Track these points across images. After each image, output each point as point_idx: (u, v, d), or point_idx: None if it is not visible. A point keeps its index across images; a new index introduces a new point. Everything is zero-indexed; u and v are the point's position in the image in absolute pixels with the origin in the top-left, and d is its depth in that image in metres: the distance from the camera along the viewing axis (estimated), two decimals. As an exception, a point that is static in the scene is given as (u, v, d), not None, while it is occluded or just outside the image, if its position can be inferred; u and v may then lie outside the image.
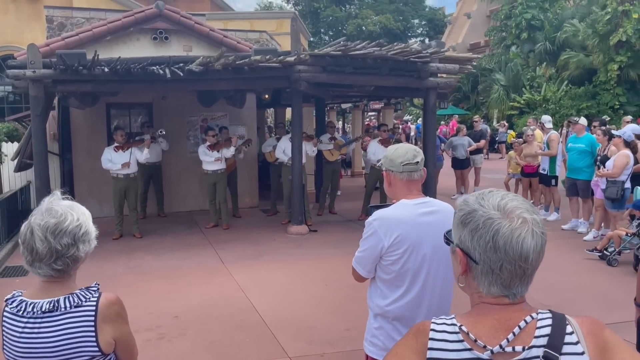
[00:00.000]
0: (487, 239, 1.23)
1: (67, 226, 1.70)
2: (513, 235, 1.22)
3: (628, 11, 19.74)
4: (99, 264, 7.28)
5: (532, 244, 1.22)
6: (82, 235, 1.74)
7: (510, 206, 1.25)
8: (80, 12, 13.94)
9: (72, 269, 1.77)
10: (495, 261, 1.23)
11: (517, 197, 1.30)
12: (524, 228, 1.22)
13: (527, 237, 1.22)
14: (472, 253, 1.26)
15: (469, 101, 28.75)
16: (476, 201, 1.29)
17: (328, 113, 18.61)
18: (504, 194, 1.29)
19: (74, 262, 1.74)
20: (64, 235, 1.69)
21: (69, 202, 1.77)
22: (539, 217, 1.26)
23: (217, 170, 9.25)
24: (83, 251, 1.74)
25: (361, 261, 2.37)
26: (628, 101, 21.37)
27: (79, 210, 1.77)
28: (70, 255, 1.71)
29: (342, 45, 8.00)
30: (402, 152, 2.37)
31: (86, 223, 1.76)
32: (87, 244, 1.76)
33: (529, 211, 1.25)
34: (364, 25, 50.12)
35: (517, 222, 1.23)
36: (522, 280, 1.25)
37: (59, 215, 1.70)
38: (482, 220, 1.25)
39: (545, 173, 9.49)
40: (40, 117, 7.69)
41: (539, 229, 1.24)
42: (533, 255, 1.23)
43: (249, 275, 6.69)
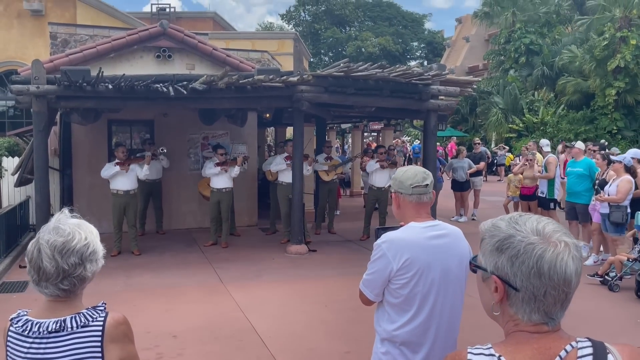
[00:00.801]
0: (530, 265, 1.21)
1: (75, 245, 1.68)
2: (557, 259, 1.20)
3: (626, 37, 20.00)
4: (96, 281, 7.12)
5: (574, 267, 1.21)
6: (90, 254, 1.72)
7: (549, 230, 1.24)
8: (84, 29, 14.06)
9: (79, 289, 1.75)
10: (539, 287, 1.21)
11: (550, 220, 1.28)
12: (566, 252, 1.21)
13: (569, 261, 1.21)
14: (511, 280, 1.23)
15: (467, 123, 28.92)
16: (510, 226, 1.26)
17: (328, 133, 18.70)
18: (537, 217, 1.27)
19: (80, 281, 1.72)
20: (71, 255, 1.67)
21: (77, 220, 1.76)
22: (575, 240, 1.25)
23: (223, 189, 9.23)
24: (90, 271, 1.72)
25: (369, 284, 2.35)
26: (626, 126, 21.53)
27: (87, 229, 1.75)
28: (77, 275, 1.69)
29: (344, 67, 8.06)
30: (411, 174, 2.37)
31: (94, 242, 1.74)
32: (94, 263, 1.74)
33: (566, 235, 1.24)
34: (363, 47, 50.64)
35: (560, 246, 1.22)
36: (562, 306, 1.23)
37: (66, 234, 1.69)
38: (522, 246, 1.22)
39: (544, 196, 9.51)
40: (42, 132, 7.70)
41: (577, 252, 1.23)
42: (575, 279, 1.22)
43: (248, 295, 6.64)
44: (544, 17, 27.30)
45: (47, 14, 17.85)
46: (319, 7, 57.71)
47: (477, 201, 12.57)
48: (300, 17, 59.15)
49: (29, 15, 17.98)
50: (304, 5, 58.54)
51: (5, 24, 18.10)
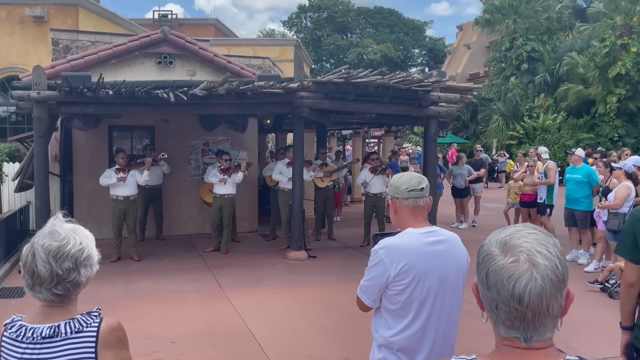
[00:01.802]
0: (482, 275, 1.19)
1: (70, 250, 1.67)
2: (504, 273, 1.14)
3: (627, 45, 20.04)
4: (95, 286, 7.20)
5: (530, 286, 1.12)
6: (84, 259, 1.71)
7: (513, 243, 1.17)
8: (86, 35, 14.12)
9: (73, 294, 1.74)
10: (490, 299, 1.18)
11: (534, 234, 1.19)
12: (521, 267, 1.13)
13: (522, 278, 1.12)
14: (479, 289, 1.23)
15: (468, 130, 28.96)
16: (490, 236, 1.25)
17: (328, 139, 18.72)
18: (520, 229, 1.21)
19: (74, 287, 1.71)
20: (65, 259, 1.66)
21: (72, 225, 1.75)
22: (555, 260, 1.14)
23: (226, 195, 9.22)
24: (84, 276, 1.71)
25: (366, 290, 2.34)
26: (627, 133, 21.54)
27: (82, 234, 1.74)
28: (71, 280, 1.68)
29: (344, 73, 8.08)
30: (406, 178, 2.37)
31: (89, 247, 1.74)
32: (88, 268, 1.73)
33: (538, 252, 1.14)
34: (364, 54, 50.79)
35: (519, 261, 1.14)
36: (525, 324, 1.14)
37: (61, 239, 1.68)
38: (482, 256, 1.21)
39: (543, 202, 9.50)
40: (43, 138, 7.71)
41: (542, 272, 1.13)
42: (530, 298, 1.12)
43: (247, 301, 6.62)
44: (545, 24, 27.38)
45: (49, 21, 17.92)
46: (321, 14, 57.97)
47: (478, 208, 12.55)
48: (302, 24, 59.43)
49: (31, 21, 18.06)
50: (306, 12, 58.81)
51: (7, 30, 18.18)
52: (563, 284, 1.16)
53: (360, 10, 59.74)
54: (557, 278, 1.14)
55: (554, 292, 1.14)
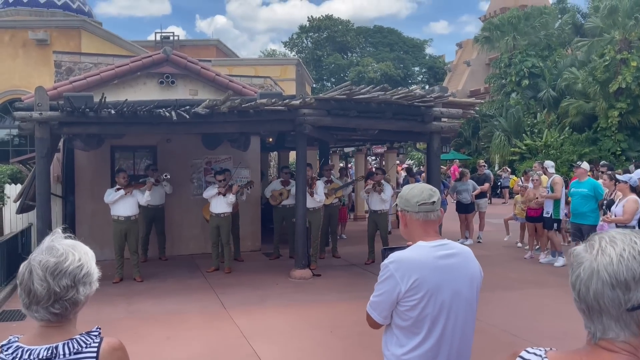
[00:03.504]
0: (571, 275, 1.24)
1: (68, 266, 1.60)
2: (573, 262, 1.21)
3: (626, 59, 20.11)
4: (97, 308, 7.09)
5: (580, 276, 1.17)
6: (83, 276, 1.64)
7: (597, 237, 1.21)
8: (88, 57, 14.22)
9: (71, 313, 1.66)
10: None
11: (625, 234, 1.18)
12: (580, 257, 1.19)
13: (578, 268, 1.18)
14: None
15: (470, 146, 28.95)
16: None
17: (331, 157, 18.69)
18: (626, 230, 1.21)
19: (73, 305, 1.63)
20: (63, 277, 1.59)
21: (72, 241, 1.68)
22: (614, 257, 1.13)
23: (221, 214, 9.16)
24: (83, 294, 1.64)
25: (377, 306, 2.26)
26: (630, 147, 21.49)
27: (82, 250, 1.67)
28: (69, 298, 1.61)
29: (347, 89, 8.06)
30: (417, 191, 2.30)
31: (88, 264, 1.67)
32: (87, 286, 1.65)
33: (601, 247, 1.16)
34: (365, 73, 51.12)
35: (578, 249, 1.21)
36: (586, 318, 1.17)
37: (59, 255, 1.61)
38: (572, 258, 1.27)
39: (549, 216, 9.40)
40: (45, 158, 7.68)
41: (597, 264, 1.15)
42: (580, 290, 1.17)
43: (251, 321, 6.50)
44: (545, 41, 27.54)
45: (52, 44, 18.09)
46: (321, 34, 58.55)
47: (483, 223, 12.44)
48: (302, 44, 59.98)
49: (34, 44, 18.22)
50: (306, 33, 59.40)
51: (10, 54, 18.33)
52: (619, 284, 1.10)
53: (360, 30, 60.34)
54: (608, 275, 1.11)
55: (604, 288, 1.11)
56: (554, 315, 6.57)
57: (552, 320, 6.38)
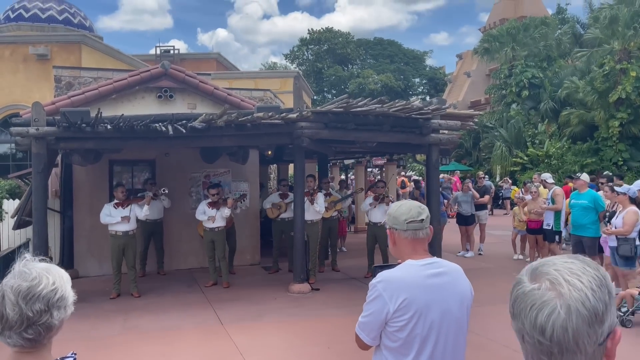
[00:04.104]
0: (510, 304, 1.12)
1: (41, 290, 1.56)
2: (528, 300, 1.05)
3: (626, 69, 20.12)
4: (94, 324, 7.05)
5: (554, 317, 1.02)
6: (57, 300, 1.59)
7: (542, 270, 1.09)
8: (88, 71, 14.25)
9: (45, 338, 1.61)
10: (517, 330, 1.10)
11: (570, 262, 1.09)
12: (544, 295, 1.04)
13: (545, 307, 1.03)
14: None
15: (471, 157, 28.91)
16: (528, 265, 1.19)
17: (331, 169, 18.65)
18: (558, 257, 1.13)
19: (46, 330, 1.59)
20: (36, 301, 1.54)
21: (46, 265, 1.64)
22: (587, 292, 1.03)
23: (215, 228, 9.12)
24: (57, 318, 1.59)
25: (365, 327, 2.20)
26: (631, 157, 21.41)
27: (56, 273, 1.63)
28: (43, 322, 1.56)
29: (344, 102, 8.05)
30: (405, 209, 2.25)
31: (62, 287, 1.62)
32: (62, 310, 1.61)
33: (565, 281, 1.04)
34: (365, 84, 51.28)
35: (533, 286, 1.06)
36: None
37: (31, 279, 1.56)
38: (513, 284, 1.14)
39: (550, 228, 9.33)
40: (41, 174, 7.66)
41: (566, 302, 1.03)
42: (554, 331, 1.01)
43: (248, 337, 6.43)
44: (544, 51, 27.60)
45: (52, 58, 18.18)
46: (322, 46, 58.87)
47: (483, 235, 12.36)
48: (303, 56, 60.29)
49: (35, 59, 18.31)
50: (307, 45, 59.73)
51: (11, 68, 18.42)
52: (597, 319, 1.04)
53: (360, 42, 60.66)
54: (587, 311, 1.03)
55: (583, 327, 1.02)
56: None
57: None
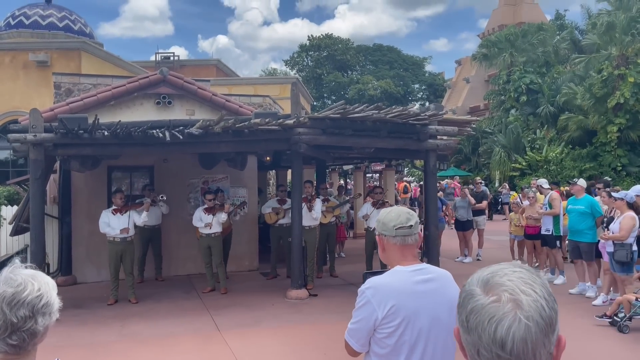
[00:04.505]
0: (462, 318, 1.08)
1: (26, 297, 1.57)
2: (485, 314, 1.02)
3: (624, 75, 20.17)
4: (91, 330, 7.04)
5: (514, 329, 1.00)
6: (42, 307, 1.60)
7: (495, 281, 1.07)
8: (88, 78, 14.28)
9: (30, 345, 1.62)
10: (471, 344, 1.06)
11: (520, 272, 1.08)
12: (503, 308, 1.02)
13: (505, 320, 1.00)
14: (460, 332, 1.12)
15: (470, 163, 28.94)
16: (473, 274, 1.14)
17: (330, 175, 18.66)
18: (504, 267, 1.11)
19: (31, 336, 1.59)
20: (21, 307, 1.55)
21: (32, 271, 1.65)
22: (542, 301, 1.03)
23: (211, 234, 9.12)
24: (42, 325, 1.60)
25: (354, 334, 2.21)
26: (630, 162, 21.44)
27: (42, 280, 1.64)
28: (27, 329, 1.57)
29: (341, 108, 8.07)
30: (394, 215, 2.27)
31: (48, 294, 1.63)
32: (47, 316, 1.61)
33: (522, 292, 1.03)
34: (365, 90, 51.39)
35: (491, 299, 1.04)
36: None
37: (16, 285, 1.57)
38: (463, 296, 1.10)
39: (550, 234, 9.31)
40: (39, 180, 7.67)
41: (526, 313, 1.01)
42: (514, 344, 0.99)
43: (245, 343, 6.42)
44: (543, 57, 27.69)
45: (52, 65, 18.22)
46: (321, 52, 59.06)
47: (482, 241, 12.35)
48: (303, 62, 60.47)
49: (35, 66, 18.37)
50: (307, 52, 59.92)
51: (11, 75, 18.47)
52: (551, 328, 1.04)
53: (360, 48, 60.85)
54: (543, 321, 1.02)
55: (540, 336, 1.01)
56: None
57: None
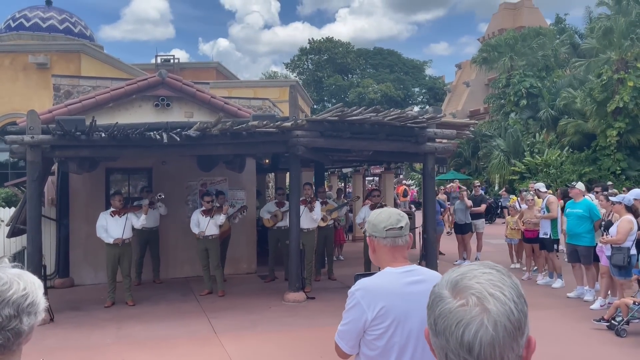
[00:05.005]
0: (431, 321, 1.07)
1: (11, 296, 1.56)
2: (453, 318, 1.00)
3: (623, 79, 20.17)
4: (87, 332, 7.03)
5: (481, 333, 0.98)
6: (28, 306, 1.59)
7: (464, 284, 1.04)
8: (87, 80, 14.28)
9: (14, 344, 1.61)
10: (439, 347, 1.04)
11: (489, 273, 1.06)
12: (470, 312, 1.00)
13: (472, 324, 0.99)
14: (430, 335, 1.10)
15: (470, 166, 28.93)
16: (443, 275, 1.12)
17: (329, 177, 18.65)
18: (474, 268, 1.09)
19: (15, 336, 1.58)
20: (5, 306, 1.54)
21: (18, 270, 1.64)
22: (510, 304, 1.01)
23: (209, 236, 9.11)
24: (27, 324, 1.59)
25: (344, 335, 2.19)
26: (629, 166, 21.42)
27: (28, 279, 1.63)
28: (12, 328, 1.55)
29: (339, 111, 8.07)
30: (385, 216, 2.25)
31: (34, 293, 1.62)
32: (32, 316, 1.60)
33: (490, 295, 1.01)
34: (365, 94, 51.43)
35: (458, 303, 1.01)
36: None
37: (2, 284, 1.56)
38: (432, 298, 1.09)
39: (548, 237, 9.30)
40: (36, 182, 7.66)
41: (494, 317, 0.99)
42: (482, 348, 0.98)
43: (241, 347, 6.40)
44: (542, 61, 27.72)
45: (52, 67, 18.23)
46: (322, 56, 59.13)
47: (480, 244, 12.33)
48: (303, 65, 60.54)
49: (35, 68, 18.37)
50: (307, 55, 60.00)
51: (10, 77, 18.47)
52: (520, 331, 1.02)
53: (360, 52, 60.93)
54: (511, 325, 1.00)
55: (508, 340, 0.99)
56: (550, 338, 6.45)
57: (548, 343, 6.26)
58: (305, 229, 9.21)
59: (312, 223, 9.47)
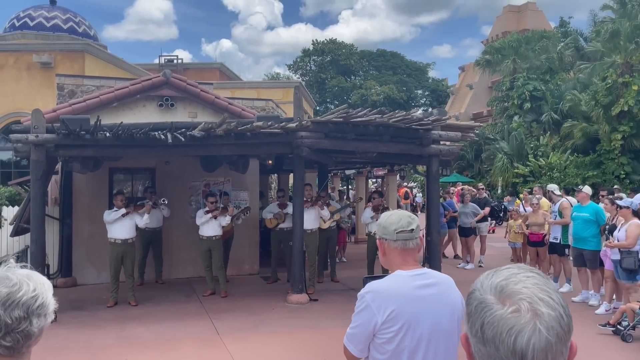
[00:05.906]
0: (476, 328, 1.03)
1: (21, 297, 1.53)
2: (504, 325, 0.97)
3: (628, 82, 20.11)
4: (90, 333, 7.01)
5: (534, 340, 0.96)
6: (38, 307, 1.56)
7: (511, 289, 1.01)
8: (91, 80, 14.29)
9: (24, 347, 1.58)
10: (486, 356, 1.01)
11: (533, 277, 1.04)
12: (523, 318, 0.97)
13: (525, 331, 0.96)
14: (470, 342, 1.06)
15: (473, 169, 28.87)
16: (480, 279, 1.09)
17: (332, 179, 18.61)
18: (516, 272, 1.06)
19: (25, 338, 1.56)
20: (16, 307, 1.52)
21: (27, 271, 1.61)
22: (560, 309, 0.99)
23: (212, 237, 9.09)
24: (37, 326, 1.56)
25: (353, 339, 2.17)
26: (633, 170, 21.33)
27: (37, 280, 1.60)
28: (22, 330, 1.53)
29: (344, 112, 8.05)
30: (395, 219, 2.23)
31: (44, 294, 1.59)
32: (42, 318, 1.58)
33: (540, 300, 0.99)
34: (368, 95, 51.42)
35: (510, 310, 0.99)
36: None
37: (11, 285, 1.54)
38: (475, 304, 1.05)
39: (558, 242, 9.23)
40: (40, 181, 7.65)
41: (546, 323, 0.97)
42: (534, 355, 0.95)
43: (244, 348, 6.38)
44: (546, 64, 27.65)
45: (56, 67, 18.24)
46: (325, 57, 59.14)
47: (484, 247, 12.29)
48: (306, 67, 60.57)
49: (39, 67, 18.39)
50: (310, 56, 60.03)
51: (14, 76, 18.49)
52: (569, 335, 1.00)
53: (364, 53, 60.94)
54: (562, 330, 0.98)
55: (559, 346, 0.98)
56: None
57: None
58: (308, 230, 9.18)
59: (315, 223, 9.44)
